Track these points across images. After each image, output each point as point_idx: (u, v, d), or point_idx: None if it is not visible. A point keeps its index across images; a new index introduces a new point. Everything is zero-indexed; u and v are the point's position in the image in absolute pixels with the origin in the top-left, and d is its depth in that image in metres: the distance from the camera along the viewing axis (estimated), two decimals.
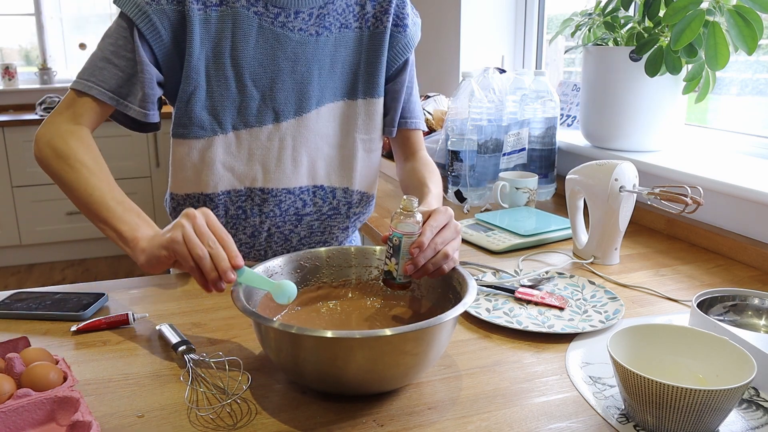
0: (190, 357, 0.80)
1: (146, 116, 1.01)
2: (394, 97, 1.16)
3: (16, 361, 0.74)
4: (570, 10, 1.83)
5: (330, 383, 0.72)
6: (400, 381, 0.73)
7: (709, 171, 1.32)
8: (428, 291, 0.89)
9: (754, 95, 1.62)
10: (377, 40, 1.11)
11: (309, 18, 1.05)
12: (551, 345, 0.88)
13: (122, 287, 1.07)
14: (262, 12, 1.02)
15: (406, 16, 1.13)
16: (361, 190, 1.18)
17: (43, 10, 4.06)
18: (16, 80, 4.00)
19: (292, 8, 1.03)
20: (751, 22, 1.18)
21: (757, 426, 0.70)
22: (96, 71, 0.99)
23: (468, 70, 1.62)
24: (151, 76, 0.99)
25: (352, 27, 1.09)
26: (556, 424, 0.70)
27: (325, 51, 1.07)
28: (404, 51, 1.14)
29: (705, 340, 0.74)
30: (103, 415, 0.71)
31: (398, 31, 1.12)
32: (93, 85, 0.99)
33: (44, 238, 3.75)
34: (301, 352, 0.70)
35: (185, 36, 0.99)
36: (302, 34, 1.04)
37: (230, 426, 0.69)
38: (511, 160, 1.67)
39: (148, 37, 0.98)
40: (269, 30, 1.03)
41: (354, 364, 0.69)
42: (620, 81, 1.49)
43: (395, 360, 0.69)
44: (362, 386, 0.72)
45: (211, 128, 1.04)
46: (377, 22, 1.10)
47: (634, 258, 1.23)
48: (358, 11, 1.09)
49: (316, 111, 1.09)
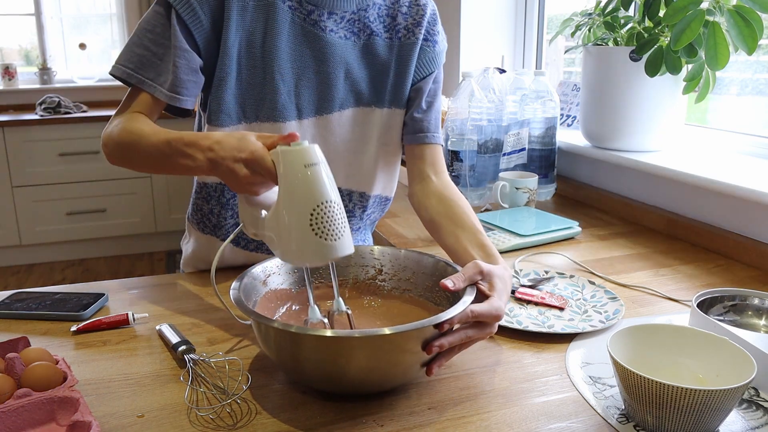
0: (190, 357, 0.80)
1: (178, 101, 0.99)
2: (426, 108, 1.13)
3: (16, 361, 0.74)
4: (570, 10, 1.83)
5: (330, 382, 0.72)
6: (400, 380, 0.74)
7: (709, 171, 1.32)
8: (425, 291, 0.89)
9: (754, 95, 1.62)
10: (407, 51, 1.10)
11: (341, 21, 1.05)
12: (551, 345, 0.88)
13: (122, 287, 1.07)
14: (296, 7, 1.02)
15: (436, 33, 1.13)
16: (378, 194, 1.18)
17: (43, 10, 4.05)
18: (16, 80, 3.99)
19: (326, 8, 1.03)
20: (751, 22, 1.18)
21: (757, 426, 0.70)
22: (132, 56, 0.98)
23: (468, 70, 1.62)
24: (188, 62, 0.98)
25: (382, 36, 1.09)
26: (556, 424, 0.70)
27: (352, 55, 1.07)
28: (430, 64, 1.13)
29: (705, 340, 0.74)
30: (103, 415, 0.71)
31: (427, 45, 1.12)
32: (127, 69, 0.98)
33: (44, 238, 3.75)
34: (301, 352, 0.70)
35: (222, 22, 0.99)
36: (332, 36, 1.05)
37: (230, 426, 0.69)
38: (511, 160, 1.67)
39: (188, 22, 0.97)
40: (300, 26, 1.03)
41: (354, 363, 0.69)
42: (620, 81, 1.49)
43: (395, 359, 0.69)
44: (363, 385, 0.72)
45: (237, 117, 1.04)
46: (408, 34, 1.10)
47: (634, 258, 1.23)
48: (389, 22, 1.10)
49: (339, 113, 1.09)
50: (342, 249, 0.73)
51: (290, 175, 0.73)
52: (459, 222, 0.98)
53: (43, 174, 3.65)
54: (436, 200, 1.04)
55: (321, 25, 1.04)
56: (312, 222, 0.71)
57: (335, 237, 0.72)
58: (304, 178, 0.73)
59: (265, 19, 1.01)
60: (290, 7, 1.02)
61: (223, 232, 1.12)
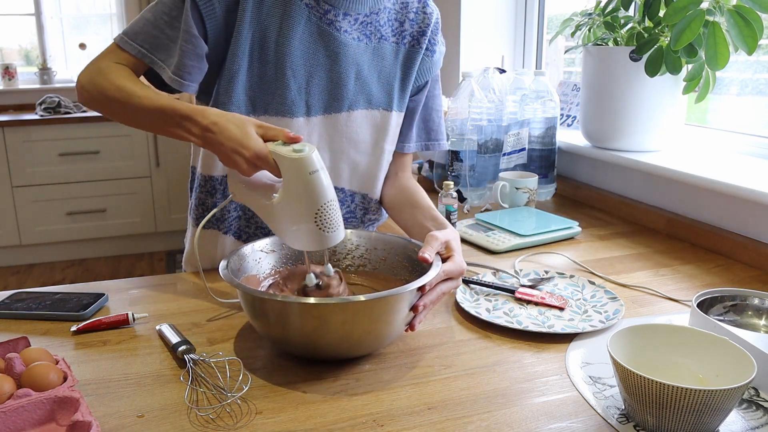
0: (190, 357, 0.80)
1: (181, 85, 1.00)
2: (410, 114, 1.18)
3: (16, 361, 0.74)
4: (570, 10, 1.83)
5: (311, 348, 0.80)
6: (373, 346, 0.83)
7: (709, 171, 1.32)
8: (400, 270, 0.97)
9: (754, 95, 1.62)
10: (412, 57, 1.13)
11: (354, 22, 1.06)
12: (551, 345, 0.88)
13: (122, 287, 1.07)
14: (312, 5, 1.03)
15: (436, 43, 1.16)
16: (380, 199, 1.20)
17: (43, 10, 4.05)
18: (16, 80, 3.99)
19: (341, 9, 1.05)
20: (751, 22, 1.18)
21: (757, 426, 0.70)
22: (146, 36, 0.99)
23: (468, 70, 1.62)
24: (195, 48, 0.99)
25: (389, 41, 1.11)
26: (556, 424, 0.70)
27: (364, 57, 1.09)
28: (426, 73, 1.16)
29: (705, 340, 0.74)
30: (103, 415, 0.71)
31: (427, 54, 1.15)
32: (140, 47, 0.99)
33: (44, 238, 3.75)
34: (289, 319, 0.78)
35: (236, 15, 1.00)
36: (346, 36, 1.06)
37: (230, 426, 0.69)
38: (511, 160, 1.67)
39: (202, 9, 0.98)
40: (316, 24, 1.04)
41: (332, 327, 0.77)
42: (620, 81, 1.49)
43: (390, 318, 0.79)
44: (337, 351, 0.81)
45: (246, 110, 1.04)
46: (414, 41, 1.13)
47: (634, 258, 1.23)
48: (397, 27, 1.12)
49: (347, 114, 1.10)
50: (339, 237, 0.85)
51: (295, 183, 0.82)
52: (415, 204, 1.12)
53: (43, 174, 3.65)
54: (397, 190, 1.18)
55: (336, 25, 1.05)
56: (316, 219, 0.82)
57: (334, 229, 0.84)
58: (309, 185, 0.82)
59: (281, 14, 1.02)
60: (307, 5, 1.03)
61: (226, 225, 1.11)
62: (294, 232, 0.84)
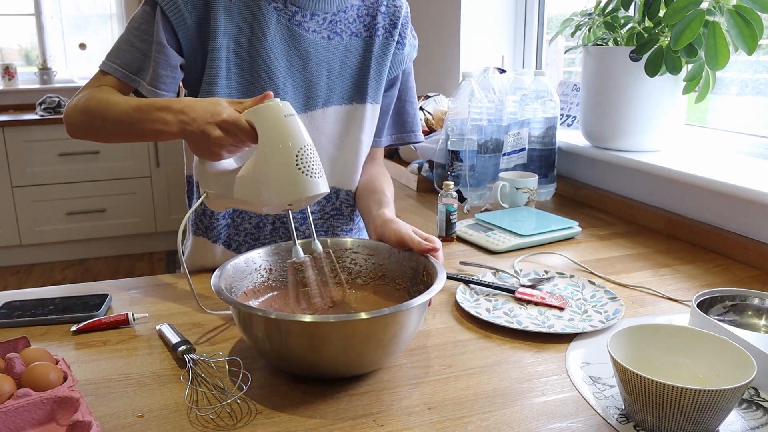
0: (190, 357, 0.80)
1: (157, 95, 1.02)
2: (384, 111, 1.21)
3: (16, 361, 0.74)
4: (570, 10, 1.83)
5: (308, 366, 0.75)
6: (375, 364, 0.77)
7: (709, 171, 1.32)
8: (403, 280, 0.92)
9: (754, 95, 1.62)
10: (386, 49, 1.16)
11: (323, 22, 1.09)
12: (551, 345, 0.88)
13: (122, 287, 1.07)
14: (281, 8, 1.05)
15: (405, 36, 1.19)
16: None
17: (43, 10, 4.05)
18: (16, 80, 3.99)
19: (308, 9, 1.07)
20: (751, 22, 1.18)
21: (757, 426, 0.70)
22: (120, 53, 1.03)
23: (468, 70, 1.62)
24: (167, 58, 1.01)
25: (362, 36, 1.13)
26: (556, 424, 0.70)
27: (335, 55, 1.11)
28: (397, 66, 1.19)
29: (705, 340, 0.74)
30: (103, 415, 0.71)
31: (398, 47, 1.18)
32: (116, 66, 1.02)
33: (44, 238, 3.75)
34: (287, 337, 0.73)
35: (209, 23, 1.02)
36: (315, 36, 1.08)
37: (230, 426, 0.69)
38: (511, 160, 1.67)
39: (172, 20, 1.00)
40: (285, 26, 1.06)
41: (330, 346, 0.72)
42: (620, 81, 1.48)
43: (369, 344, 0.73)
44: (337, 369, 0.76)
45: None
46: (386, 33, 1.15)
47: (634, 258, 1.23)
48: (369, 21, 1.14)
49: (322, 111, 1.12)
50: (322, 186, 0.83)
51: (273, 126, 0.82)
52: (372, 189, 1.15)
53: (43, 174, 3.65)
54: (363, 180, 1.21)
55: (305, 26, 1.07)
56: (298, 161, 0.81)
57: (318, 174, 0.83)
58: (286, 125, 0.82)
59: (251, 19, 1.04)
60: (275, 8, 1.05)
61: (215, 234, 1.13)
62: (275, 184, 0.81)
